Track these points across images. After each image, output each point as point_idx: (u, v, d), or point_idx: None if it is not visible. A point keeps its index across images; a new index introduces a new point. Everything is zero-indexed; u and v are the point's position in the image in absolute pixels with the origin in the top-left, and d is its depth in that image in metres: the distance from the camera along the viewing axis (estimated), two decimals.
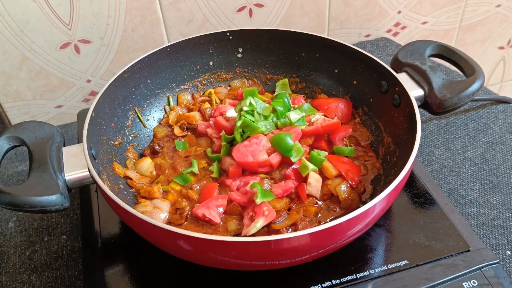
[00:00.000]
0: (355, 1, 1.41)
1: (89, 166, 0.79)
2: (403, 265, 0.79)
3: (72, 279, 0.92)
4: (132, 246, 0.86)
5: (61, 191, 0.77)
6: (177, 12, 1.26)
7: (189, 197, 0.89)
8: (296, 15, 1.38)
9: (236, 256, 0.71)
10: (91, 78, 1.30)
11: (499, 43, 1.70)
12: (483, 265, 0.79)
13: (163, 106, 1.08)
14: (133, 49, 1.28)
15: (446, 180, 1.04)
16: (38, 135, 0.85)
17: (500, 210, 0.97)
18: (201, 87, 1.12)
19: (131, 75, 0.99)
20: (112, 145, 0.95)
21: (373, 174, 0.93)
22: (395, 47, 1.46)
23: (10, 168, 1.16)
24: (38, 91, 1.28)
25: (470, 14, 1.57)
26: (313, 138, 0.95)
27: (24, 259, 0.96)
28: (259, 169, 0.88)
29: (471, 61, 0.96)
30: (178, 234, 0.67)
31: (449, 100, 0.91)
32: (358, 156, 0.96)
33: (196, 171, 0.93)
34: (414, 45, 1.02)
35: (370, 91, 1.01)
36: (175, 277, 0.81)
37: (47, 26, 1.18)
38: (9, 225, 1.02)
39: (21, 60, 1.21)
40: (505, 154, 1.09)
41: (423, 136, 1.15)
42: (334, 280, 0.77)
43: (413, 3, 1.48)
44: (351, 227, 0.71)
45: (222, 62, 1.12)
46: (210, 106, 1.07)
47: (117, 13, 1.21)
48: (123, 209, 0.71)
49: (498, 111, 1.20)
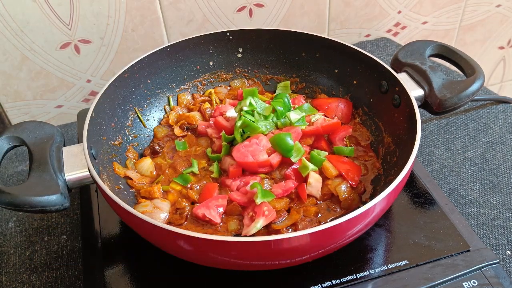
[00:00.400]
0: (355, 1, 1.41)
1: (89, 166, 0.79)
2: (403, 265, 0.79)
3: (72, 279, 0.92)
4: (132, 246, 0.86)
5: (61, 191, 0.77)
6: (177, 12, 1.26)
7: (189, 197, 0.89)
8: (296, 15, 1.38)
9: (236, 256, 0.71)
10: (91, 78, 1.30)
11: (499, 43, 1.70)
12: (483, 265, 0.79)
13: (163, 106, 1.08)
14: (133, 49, 1.28)
15: (446, 180, 1.04)
16: (38, 135, 0.85)
17: (500, 210, 0.97)
18: (201, 87, 1.12)
19: (131, 75, 0.99)
20: (112, 145, 0.95)
21: (373, 174, 0.93)
22: (395, 47, 1.46)
23: (10, 168, 1.17)
24: (38, 91, 1.28)
25: (470, 14, 1.57)
26: (313, 138, 0.95)
27: (24, 259, 0.96)
28: (259, 169, 0.88)
29: (471, 61, 0.96)
30: (178, 234, 0.67)
31: (449, 100, 0.91)
32: (358, 156, 0.96)
33: (196, 171, 0.93)
34: (414, 45, 1.02)
35: (370, 91, 1.01)
36: (175, 277, 0.81)
37: (47, 26, 1.18)
38: (9, 225, 1.02)
39: (21, 60, 1.21)
40: (505, 154, 1.09)
41: (423, 136, 1.15)
42: (334, 280, 0.77)
43: (413, 3, 1.48)
44: (351, 227, 0.71)
45: (222, 62, 1.12)
46: (210, 106, 1.07)
47: (117, 13, 1.21)
48: (123, 209, 0.71)
49: (498, 111, 1.20)
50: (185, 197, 0.89)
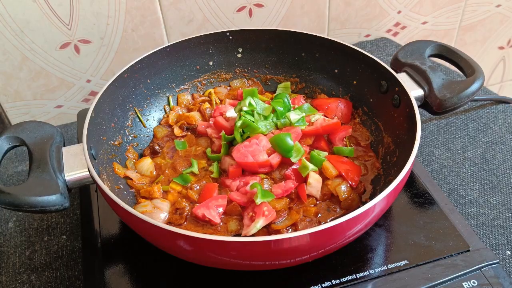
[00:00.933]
0: (355, 1, 1.41)
1: (89, 166, 0.79)
2: (403, 265, 0.79)
3: (72, 279, 0.92)
4: (132, 246, 0.86)
5: (61, 191, 0.77)
6: (177, 12, 1.26)
7: (189, 197, 0.89)
8: (296, 15, 1.38)
9: (236, 256, 0.71)
10: (91, 78, 1.30)
11: (499, 43, 1.70)
12: (483, 265, 0.79)
13: (163, 106, 1.08)
14: (133, 49, 1.28)
15: (446, 180, 1.04)
16: (38, 135, 0.85)
17: (500, 210, 0.97)
18: (201, 87, 1.12)
19: (131, 75, 0.99)
20: (112, 145, 0.95)
21: (373, 174, 0.93)
22: (395, 47, 1.46)
23: (10, 168, 1.17)
24: (38, 91, 1.28)
25: (470, 14, 1.57)
26: (313, 138, 0.95)
27: (24, 259, 0.96)
28: (259, 169, 0.88)
29: (471, 61, 0.96)
30: (178, 234, 0.67)
31: (449, 100, 0.91)
32: (358, 156, 0.96)
33: (196, 171, 0.93)
34: (414, 45, 1.02)
35: (370, 91, 1.01)
36: (175, 277, 0.81)
37: (47, 26, 1.18)
38: (9, 225, 1.02)
39: (21, 60, 1.21)
40: (505, 154, 1.09)
41: (423, 136, 1.15)
42: (334, 280, 0.77)
43: (413, 3, 1.48)
44: (351, 227, 0.71)
45: (222, 62, 1.12)
46: (210, 106, 1.07)
47: (117, 13, 1.21)
48: (123, 209, 0.71)
49: (498, 111, 1.20)
50: (185, 197, 0.89)
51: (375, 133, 0.99)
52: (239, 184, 0.88)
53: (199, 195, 0.89)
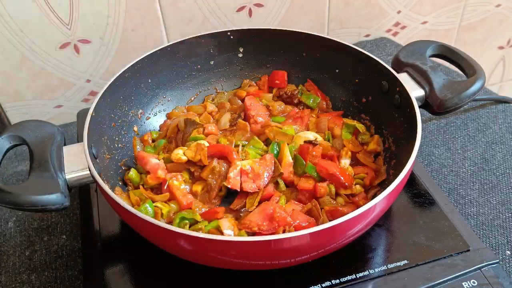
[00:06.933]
0: (355, 1, 1.41)
1: (89, 165, 0.79)
2: (403, 265, 0.79)
3: (72, 279, 0.92)
4: (132, 246, 0.85)
5: (61, 190, 0.77)
6: (177, 12, 1.26)
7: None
8: (296, 15, 1.38)
9: (236, 256, 0.71)
10: (91, 78, 1.30)
11: (499, 43, 1.70)
12: (482, 265, 0.79)
13: (163, 105, 1.08)
14: (133, 49, 1.28)
15: (446, 180, 1.04)
16: (38, 134, 0.85)
17: (500, 210, 0.97)
18: (202, 87, 1.12)
19: (132, 75, 0.99)
20: (113, 145, 0.95)
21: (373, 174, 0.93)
22: (394, 47, 1.47)
23: (10, 167, 1.16)
24: (38, 91, 1.28)
25: (470, 14, 1.57)
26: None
27: (24, 259, 0.96)
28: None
29: (472, 61, 0.96)
30: (178, 233, 0.67)
31: (450, 100, 0.91)
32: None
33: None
34: (415, 45, 1.02)
35: (371, 91, 1.01)
36: (175, 277, 0.81)
37: (47, 26, 1.18)
38: (8, 225, 1.02)
39: (21, 60, 1.21)
40: (505, 154, 1.09)
41: (423, 136, 1.15)
42: (334, 280, 0.77)
43: (413, 3, 1.48)
44: (351, 227, 0.71)
45: (223, 62, 1.12)
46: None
47: (117, 13, 1.21)
48: (123, 209, 0.71)
49: (498, 111, 1.20)
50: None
51: (375, 133, 0.99)
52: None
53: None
